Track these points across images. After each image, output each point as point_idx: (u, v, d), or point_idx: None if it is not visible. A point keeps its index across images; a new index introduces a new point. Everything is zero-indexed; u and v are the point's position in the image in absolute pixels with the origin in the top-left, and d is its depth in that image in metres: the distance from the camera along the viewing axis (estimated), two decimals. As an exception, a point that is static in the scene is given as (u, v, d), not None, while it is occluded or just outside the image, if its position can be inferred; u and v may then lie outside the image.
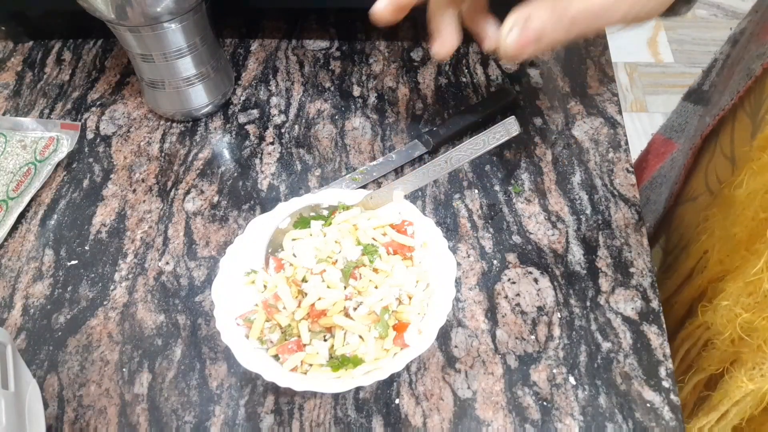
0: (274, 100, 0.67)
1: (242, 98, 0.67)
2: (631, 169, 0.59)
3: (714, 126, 0.56)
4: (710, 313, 0.49)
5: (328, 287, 0.45)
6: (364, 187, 0.59)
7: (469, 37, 0.71)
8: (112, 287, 0.54)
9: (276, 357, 0.44)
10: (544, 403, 0.46)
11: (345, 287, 0.45)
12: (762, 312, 0.44)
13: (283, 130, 0.64)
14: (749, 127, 0.52)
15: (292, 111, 0.66)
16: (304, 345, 0.43)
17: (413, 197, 0.57)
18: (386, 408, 0.46)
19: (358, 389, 0.47)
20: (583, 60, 0.68)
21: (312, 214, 0.50)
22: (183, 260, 0.55)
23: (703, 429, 0.51)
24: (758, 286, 0.44)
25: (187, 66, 0.60)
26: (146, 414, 0.47)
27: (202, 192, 0.60)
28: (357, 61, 0.70)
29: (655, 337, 0.48)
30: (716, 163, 0.57)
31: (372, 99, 0.66)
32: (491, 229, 0.55)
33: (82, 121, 0.66)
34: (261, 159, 0.62)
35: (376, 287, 0.45)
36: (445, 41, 0.45)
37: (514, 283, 0.52)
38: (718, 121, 0.55)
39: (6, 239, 0.57)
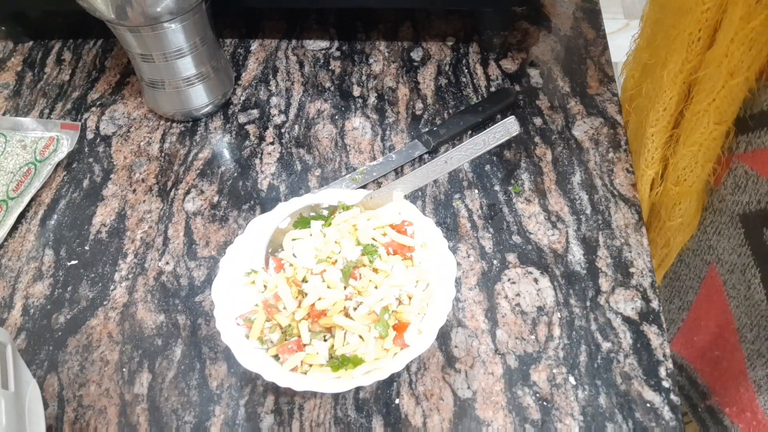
0: (274, 100, 0.67)
1: (242, 98, 0.67)
2: (631, 169, 0.59)
3: None
4: None
5: (328, 287, 0.45)
6: (364, 187, 0.59)
7: (469, 37, 0.72)
8: (112, 287, 0.54)
9: (276, 357, 0.44)
10: (544, 403, 0.46)
11: (345, 287, 0.45)
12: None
13: (283, 130, 0.64)
14: None
15: (292, 111, 0.66)
16: (304, 345, 0.43)
17: (413, 197, 0.57)
18: (386, 408, 0.46)
19: (358, 389, 0.47)
20: (583, 60, 0.68)
21: (312, 214, 0.50)
22: (183, 260, 0.55)
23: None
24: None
25: (187, 66, 0.60)
26: (146, 414, 0.47)
27: (202, 192, 0.60)
28: (357, 61, 0.70)
29: (655, 337, 0.48)
30: None
31: (372, 99, 0.66)
32: (491, 229, 0.55)
33: (82, 121, 0.66)
34: (261, 159, 0.62)
35: (376, 287, 0.45)
36: None
37: (514, 283, 0.52)
38: None
39: (6, 239, 0.57)
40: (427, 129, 0.63)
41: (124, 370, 0.49)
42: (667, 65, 0.51)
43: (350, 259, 0.46)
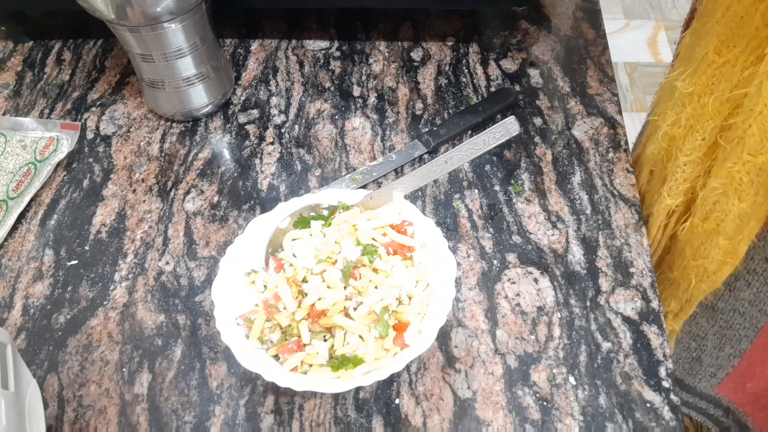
0: (274, 100, 0.67)
1: (242, 98, 0.67)
2: (630, 169, 0.59)
3: None
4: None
5: (328, 287, 0.45)
6: (364, 187, 0.59)
7: (469, 37, 0.72)
8: (112, 287, 0.54)
9: (276, 357, 0.44)
10: (544, 403, 0.46)
11: (345, 287, 0.45)
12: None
13: (283, 130, 0.64)
14: None
15: (292, 111, 0.66)
16: (304, 345, 0.43)
17: (413, 197, 0.57)
18: (386, 408, 0.46)
19: (358, 389, 0.47)
20: (583, 60, 0.68)
21: (312, 214, 0.50)
22: (183, 260, 0.55)
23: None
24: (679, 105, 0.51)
25: (187, 66, 0.60)
26: (146, 414, 0.47)
27: (202, 192, 0.60)
28: (357, 61, 0.70)
29: (655, 337, 0.48)
30: None
31: (372, 99, 0.66)
32: (491, 229, 0.55)
33: (82, 121, 0.66)
34: (261, 159, 0.62)
35: (376, 287, 0.45)
36: None
37: (514, 283, 0.52)
38: None
39: (6, 239, 0.57)
40: (427, 129, 0.63)
41: (124, 370, 0.49)
42: (714, 92, 0.47)
43: (350, 259, 0.46)
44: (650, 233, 0.56)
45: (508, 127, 0.44)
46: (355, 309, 0.44)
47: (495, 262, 0.53)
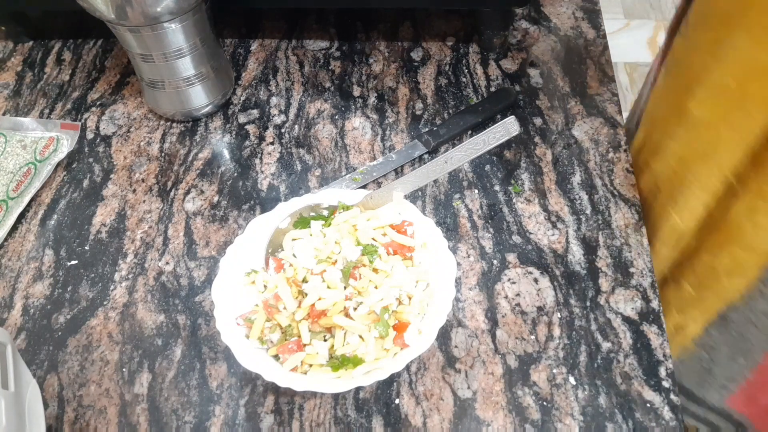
0: (274, 100, 0.67)
1: (242, 98, 0.67)
2: (631, 169, 0.59)
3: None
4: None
5: (328, 287, 0.45)
6: (364, 187, 0.59)
7: (469, 37, 0.72)
8: (112, 287, 0.54)
9: (276, 357, 0.44)
10: (544, 403, 0.46)
11: (345, 287, 0.45)
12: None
13: (283, 130, 0.64)
14: None
15: (292, 111, 0.66)
16: (305, 345, 0.43)
17: (413, 197, 0.57)
18: (386, 408, 0.46)
19: (358, 389, 0.47)
20: (583, 60, 0.68)
21: (312, 214, 0.50)
22: (183, 260, 0.55)
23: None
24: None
25: (187, 66, 0.60)
26: (146, 414, 0.47)
27: (202, 192, 0.60)
28: (357, 61, 0.70)
29: (655, 337, 0.48)
30: None
31: (372, 99, 0.66)
32: (491, 229, 0.55)
33: (82, 121, 0.66)
34: (261, 159, 0.62)
35: (376, 287, 0.45)
36: None
37: (514, 283, 0.52)
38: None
39: (6, 239, 0.57)
40: (427, 129, 0.63)
41: (124, 370, 0.49)
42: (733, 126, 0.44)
43: (350, 259, 0.46)
44: (657, 251, 0.55)
45: (508, 127, 0.44)
46: (355, 309, 0.44)
47: (495, 262, 0.53)
